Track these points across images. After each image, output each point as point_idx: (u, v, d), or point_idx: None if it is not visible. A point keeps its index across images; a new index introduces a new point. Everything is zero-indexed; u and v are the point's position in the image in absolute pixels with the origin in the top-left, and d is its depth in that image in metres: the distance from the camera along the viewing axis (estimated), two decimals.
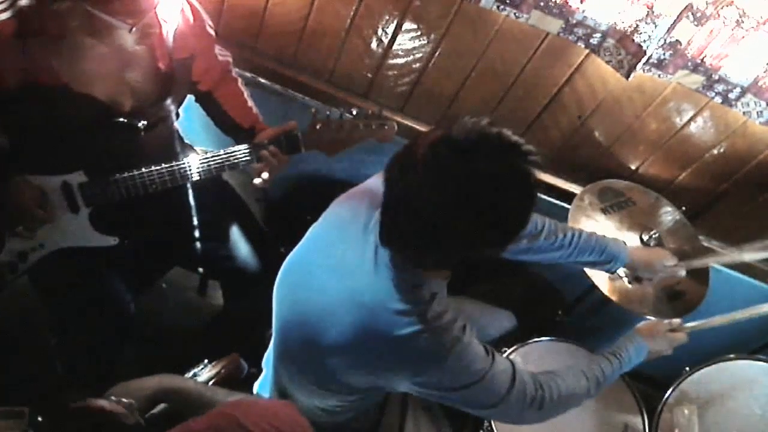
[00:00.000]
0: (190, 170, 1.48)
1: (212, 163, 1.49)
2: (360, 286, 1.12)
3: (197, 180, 1.51)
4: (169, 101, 1.48)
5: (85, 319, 1.56)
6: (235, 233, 1.74)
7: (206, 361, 1.25)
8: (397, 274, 1.09)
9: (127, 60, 1.37)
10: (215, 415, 0.87)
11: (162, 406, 1.11)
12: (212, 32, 1.53)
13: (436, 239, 1.00)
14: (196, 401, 1.09)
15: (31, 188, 1.40)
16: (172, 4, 1.39)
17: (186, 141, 1.69)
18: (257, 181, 1.54)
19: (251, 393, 1.45)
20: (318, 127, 1.51)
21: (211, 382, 1.19)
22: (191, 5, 1.45)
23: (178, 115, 1.59)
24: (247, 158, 1.51)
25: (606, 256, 1.51)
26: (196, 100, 1.63)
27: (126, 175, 1.45)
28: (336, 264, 1.18)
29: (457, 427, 1.71)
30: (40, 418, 0.92)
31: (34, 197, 1.40)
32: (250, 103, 1.64)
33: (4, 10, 1.23)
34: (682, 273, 1.60)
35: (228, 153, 1.50)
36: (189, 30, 1.44)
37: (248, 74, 1.85)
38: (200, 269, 1.93)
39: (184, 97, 1.56)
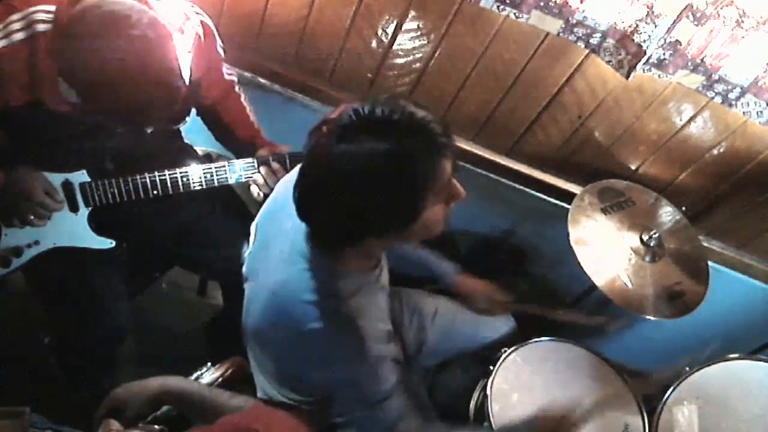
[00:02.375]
0: (191, 180, 1.49)
1: (216, 174, 1.50)
2: (277, 276, 1.14)
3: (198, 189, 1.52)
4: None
5: (77, 319, 1.56)
6: (235, 234, 1.74)
7: (209, 363, 1.25)
8: (313, 262, 1.10)
9: None
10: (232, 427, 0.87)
11: (165, 408, 1.11)
12: (222, 53, 1.54)
13: (325, 216, 1.02)
14: (199, 404, 1.09)
15: (40, 178, 1.40)
16: (187, 30, 1.39)
17: (195, 148, 1.69)
18: (255, 191, 1.54)
19: (255, 395, 1.44)
20: None
21: (213, 385, 1.19)
22: (205, 25, 1.44)
23: (185, 121, 1.59)
24: (252, 172, 1.50)
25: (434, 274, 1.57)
26: (198, 113, 1.64)
27: (128, 178, 1.45)
28: (265, 255, 1.21)
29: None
30: None
31: (42, 185, 1.40)
32: (252, 117, 1.65)
33: (20, 30, 1.21)
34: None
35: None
36: (201, 50, 1.44)
37: (248, 74, 1.85)
38: (200, 271, 1.93)
39: (191, 110, 1.57)
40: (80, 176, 1.44)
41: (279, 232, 1.17)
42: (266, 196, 1.53)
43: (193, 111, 1.65)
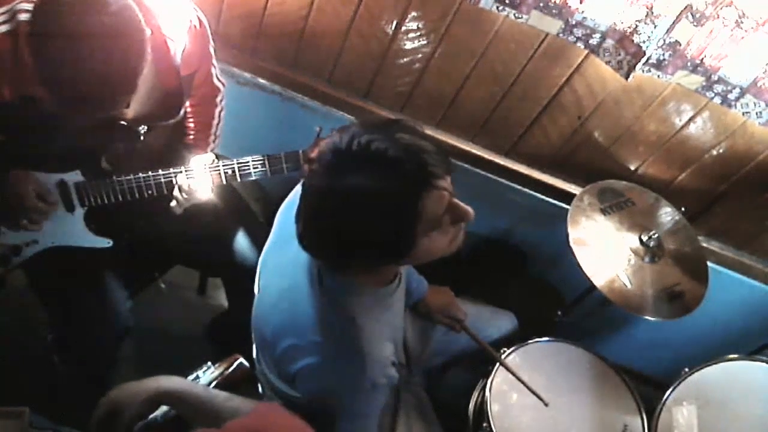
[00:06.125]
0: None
1: (240, 171, 1.48)
2: (289, 278, 1.14)
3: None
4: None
5: (79, 317, 1.56)
6: (236, 231, 1.75)
7: (209, 363, 1.25)
8: (325, 274, 1.10)
9: None
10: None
11: (163, 409, 1.11)
12: (213, 51, 1.53)
13: (319, 248, 1.02)
14: (196, 405, 1.08)
15: (32, 181, 1.40)
16: (179, 21, 1.38)
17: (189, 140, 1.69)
18: (174, 205, 1.51)
19: (254, 394, 1.45)
20: None
21: (213, 384, 1.19)
22: (200, 21, 1.44)
23: (178, 117, 1.59)
24: (261, 170, 1.48)
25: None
26: None
27: (123, 178, 1.45)
28: (282, 250, 1.20)
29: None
30: None
31: (35, 189, 1.40)
32: (213, 130, 1.65)
33: (4, 23, 1.21)
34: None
35: (240, 163, 1.48)
36: (195, 46, 1.43)
37: (248, 74, 1.85)
38: (201, 268, 1.93)
39: (184, 105, 1.56)
40: (75, 176, 1.44)
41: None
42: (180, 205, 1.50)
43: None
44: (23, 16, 1.20)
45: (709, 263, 1.77)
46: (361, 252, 0.99)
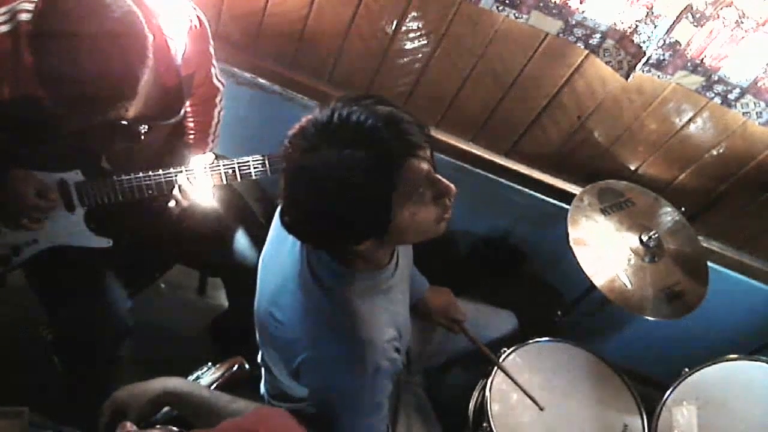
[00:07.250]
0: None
1: (240, 170, 1.47)
2: (286, 271, 1.15)
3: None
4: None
5: (79, 317, 1.56)
6: (236, 231, 1.75)
7: (210, 363, 1.25)
8: (318, 263, 1.10)
9: None
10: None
11: (166, 409, 1.11)
12: (212, 51, 1.53)
13: (300, 227, 1.02)
14: (199, 406, 1.09)
15: (32, 179, 1.40)
16: (179, 21, 1.37)
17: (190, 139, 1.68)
18: (174, 205, 1.50)
19: (256, 395, 1.45)
20: None
21: (214, 385, 1.19)
22: (199, 20, 1.43)
23: (179, 116, 1.59)
24: (261, 170, 1.48)
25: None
26: None
27: (123, 177, 1.45)
28: (279, 245, 1.22)
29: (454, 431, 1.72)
30: None
31: (35, 188, 1.39)
32: (213, 130, 1.65)
33: (4, 23, 1.21)
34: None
35: (240, 163, 1.47)
36: (195, 46, 1.43)
37: (248, 75, 1.85)
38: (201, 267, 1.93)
39: (185, 104, 1.55)
40: (75, 176, 1.44)
41: None
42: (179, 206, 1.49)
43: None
44: (24, 16, 1.20)
45: (709, 263, 1.77)
46: (341, 224, 0.97)
